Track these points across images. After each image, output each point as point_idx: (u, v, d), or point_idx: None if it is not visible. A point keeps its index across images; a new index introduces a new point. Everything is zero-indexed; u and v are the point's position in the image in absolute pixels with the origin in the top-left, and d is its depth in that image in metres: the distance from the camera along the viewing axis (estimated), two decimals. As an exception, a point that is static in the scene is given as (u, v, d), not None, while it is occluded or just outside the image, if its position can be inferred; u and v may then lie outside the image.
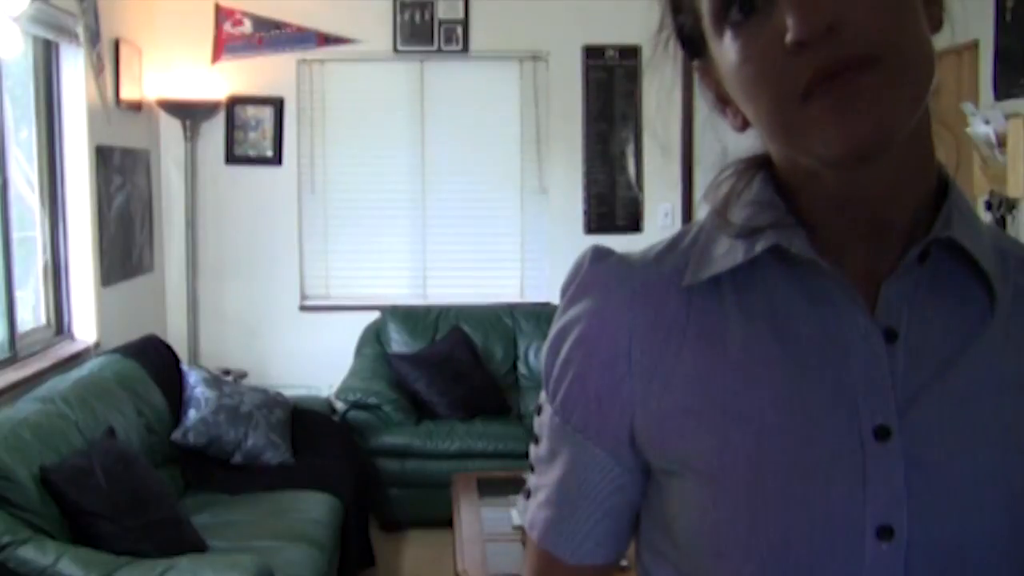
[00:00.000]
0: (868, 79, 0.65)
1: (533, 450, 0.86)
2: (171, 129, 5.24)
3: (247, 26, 5.30)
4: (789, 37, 0.65)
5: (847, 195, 0.73)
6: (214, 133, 5.34)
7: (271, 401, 4.33)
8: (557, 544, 0.84)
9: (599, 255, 0.82)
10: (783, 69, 0.67)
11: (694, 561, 0.77)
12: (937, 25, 0.73)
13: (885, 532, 0.71)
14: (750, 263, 0.77)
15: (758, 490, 0.73)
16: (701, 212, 0.84)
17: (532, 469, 0.86)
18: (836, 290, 0.74)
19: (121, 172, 4.67)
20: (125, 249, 4.73)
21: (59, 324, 4.28)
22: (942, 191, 0.77)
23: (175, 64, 5.13)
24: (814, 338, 0.75)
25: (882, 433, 0.72)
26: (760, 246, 0.75)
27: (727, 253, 0.78)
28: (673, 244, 0.82)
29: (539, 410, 0.85)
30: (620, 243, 0.86)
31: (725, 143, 0.82)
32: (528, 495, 0.86)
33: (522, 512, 0.87)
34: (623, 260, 0.82)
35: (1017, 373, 0.75)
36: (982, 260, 0.74)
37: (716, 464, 0.75)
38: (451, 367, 4.99)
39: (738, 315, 0.77)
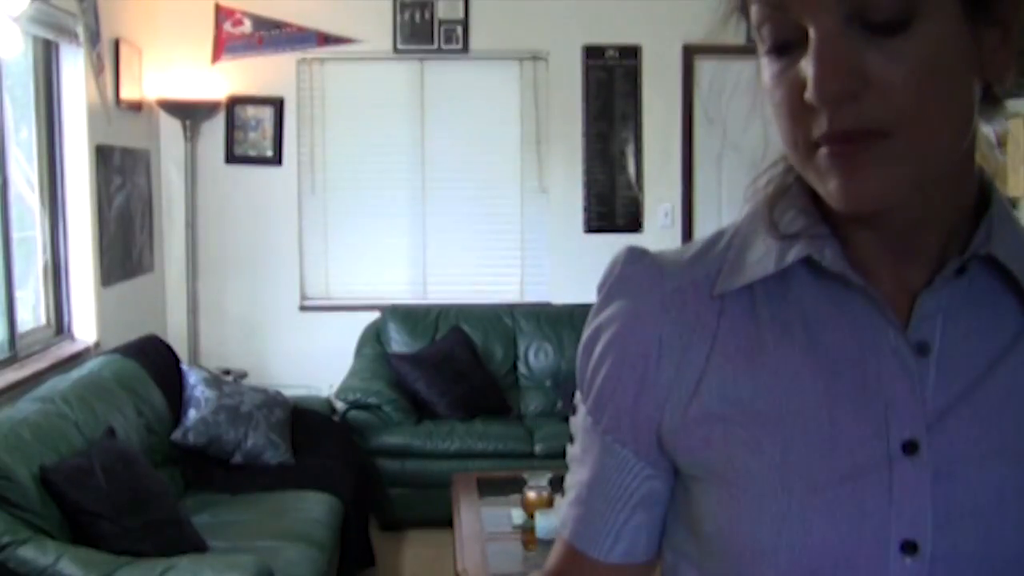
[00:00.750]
0: (873, 153, 0.66)
1: (569, 449, 0.88)
2: (171, 129, 5.24)
3: (247, 26, 5.29)
4: (807, 95, 0.66)
5: (872, 221, 0.73)
6: (214, 133, 5.33)
7: (271, 401, 4.33)
8: (584, 541, 0.85)
9: (633, 256, 0.83)
10: (801, 113, 0.68)
11: (717, 565, 0.78)
12: (999, 72, 0.70)
13: (909, 547, 0.71)
14: (783, 271, 0.77)
15: (783, 500, 0.73)
16: (742, 211, 0.84)
17: (569, 468, 0.88)
18: (867, 303, 0.74)
19: (121, 172, 4.67)
20: (125, 249, 4.73)
21: (59, 324, 4.28)
22: (984, 199, 0.76)
23: (175, 64, 5.13)
24: (845, 350, 0.75)
25: (910, 447, 0.72)
26: (791, 256, 0.75)
27: (759, 261, 0.78)
28: (708, 248, 0.82)
29: (574, 410, 0.87)
30: (620, 242, 0.86)
31: (769, 134, 0.83)
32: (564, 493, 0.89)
33: (558, 508, 0.89)
34: (656, 263, 0.82)
35: None
36: (1021, 276, 0.73)
37: (742, 472, 0.75)
38: (451, 367, 4.99)
39: (769, 324, 0.77)
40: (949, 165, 0.70)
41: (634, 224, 5.50)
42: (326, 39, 5.34)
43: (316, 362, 5.32)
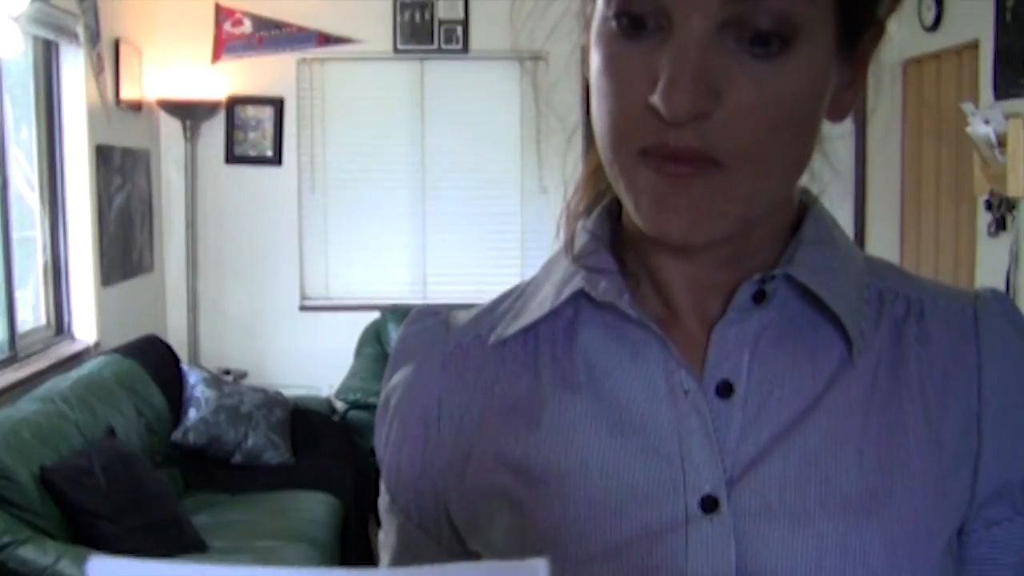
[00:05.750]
0: (699, 182, 0.58)
1: (380, 535, 0.79)
2: (171, 129, 5.24)
3: (247, 26, 5.29)
4: (653, 98, 0.57)
5: (680, 250, 0.65)
6: (214, 133, 5.33)
7: (271, 401, 4.33)
8: None
9: (418, 316, 0.76)
10: (637, 113, 0.58)
11: None
12: (842, 113, 0.64)
13: None
14: (574, 310, 0.68)
15: (555, 572, 0.65)
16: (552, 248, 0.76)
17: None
18: (655, 340, 0.65)
19: (121, 172, 4.67)
20: (125, 249, 4.73)
21: (59, 324, 4.28)
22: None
23: (175, 64, 5.13)
24: (635, 396, 0.66)
25: (709, 504, 0.62)
26: (567, 291, 0.67)
27: (541, 303, 0.69)
28: (498, 301, 0.74)
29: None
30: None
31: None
32: None
33: None
34: (442, 322, 0.74)
35: (882, 429, 0.64)
36: (830, 299, 0.64)
37: (515, 544, 0.66)
38: (451, 367, 4.98)
39: (552, 373, 0.68)
40: (776, 202, 0.64)
41: (634, 224, 5.50)
42: (326, 39, 5.33)
43: (316, 362, 5.32)
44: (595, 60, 0.62)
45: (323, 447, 4.30)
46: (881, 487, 0.63)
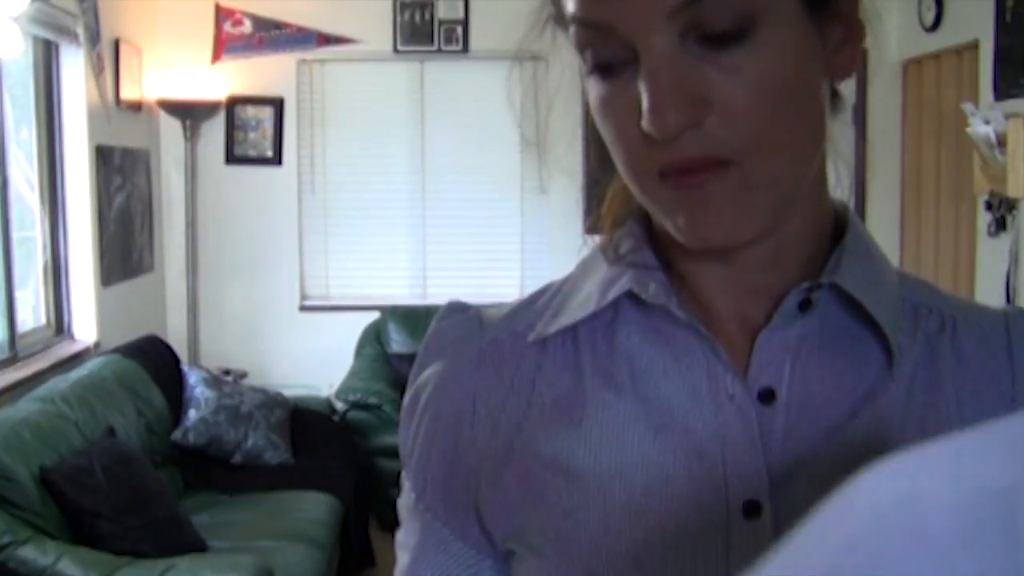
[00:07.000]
0: (717, 184, 0.59)
1: (397, 535, 0.77)
2: (171, 129, 5.24)
3: (247, 26, 5.30)
4: (643, 125, 0.58)
5: (721, 256, 0.66)
6: (214, 133, 5.34)
7: (271, 401, 4.33)
8: None
9: (450, 311, 0.76)
10: (639, 142, 0.60)
11: None
12: (846, 71, 0.65)
13: None
14: (614, 311, 0.69)
15: (599, 572, 0.64)
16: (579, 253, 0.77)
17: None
18: (703, 345, 0.66)
19: (121, 172, 4.67)
20: (125, 249, 4.73)
21: (59, 324, 4.28)
22: (841, 232, 0.69)
23: (175, 64, 5.14)
24: (678, 399, 0.66)
25: (752, 509, 0.63)
26: (613, 292, 0.68)
27: (583, 303, 0.70)
28: (533, 298, 0.75)
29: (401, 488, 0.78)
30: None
31: None
32: None
33: None
34: (474, 317, 0.74)
35: (918, 440, 0.64)
36: (874, 310, 0.65)
37: (555, 541, 0.66)
38: (451, 367, 4.98)
39: (594, 372, 0.68)
40: (805, 184, 0.64)
41: (634, 224, 5.49)
42: (326, 39, 5.34)
43: (316, 362, 5.33)
44: (592, 103, 0.64)
45: (323, 447, 4.30)
46: None
